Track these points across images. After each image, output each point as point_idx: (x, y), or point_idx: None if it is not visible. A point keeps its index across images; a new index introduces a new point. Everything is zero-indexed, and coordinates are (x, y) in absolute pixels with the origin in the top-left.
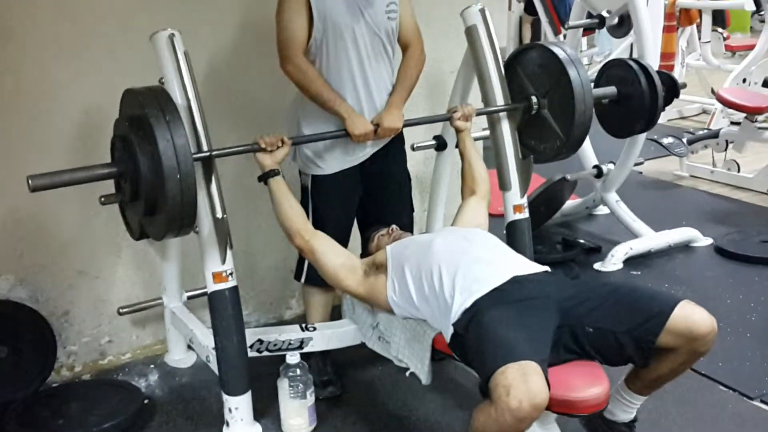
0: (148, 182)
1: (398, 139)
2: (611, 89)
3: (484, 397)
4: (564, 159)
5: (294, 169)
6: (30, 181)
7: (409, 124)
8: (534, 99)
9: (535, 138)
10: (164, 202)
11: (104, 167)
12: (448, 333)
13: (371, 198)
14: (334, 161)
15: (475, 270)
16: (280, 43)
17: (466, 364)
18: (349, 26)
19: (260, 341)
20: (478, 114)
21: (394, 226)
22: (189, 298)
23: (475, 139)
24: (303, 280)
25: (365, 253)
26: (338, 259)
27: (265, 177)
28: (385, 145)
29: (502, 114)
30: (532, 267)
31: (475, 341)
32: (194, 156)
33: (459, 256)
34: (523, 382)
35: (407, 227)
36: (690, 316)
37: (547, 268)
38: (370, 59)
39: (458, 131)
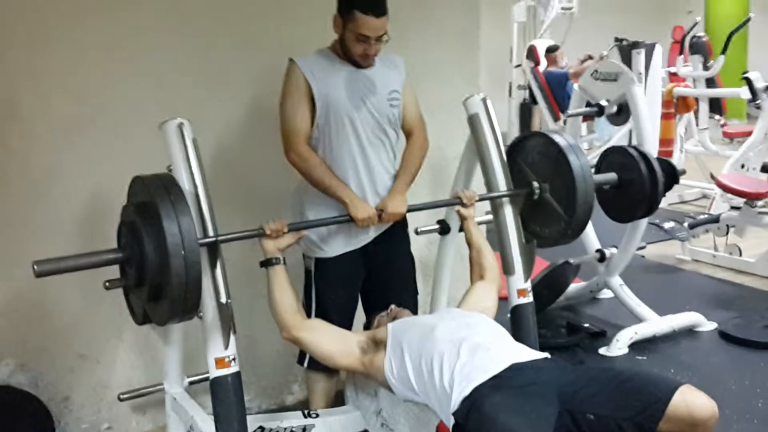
0: (153, 268)
1: (401, 223)
2: (612, 175)
3: None
4: (567, 244)
5: (298, 252)
6: (35, 267)
7: (412, 209)
8: (536, 184)
9: (539, 223)
10: (169, 287)
11: (110, 253)
12: (449, 422)
13: (375, 281)
14: (338, 245)
15: (475, 358)
16: (283, 132)
17: None
18: (351, 113)
19: (262, 428)
20: (481, 199)
21: (392, 306)
22: (190, 383)
23: (479, 224)
24: (306, 365)
25: None
26: (331, 346)
27: (266, 264)
28: (388, 229)
29: (505, 199)
30: (531, 354)
31: (476, 430)
32: (200, 241)
33: (459, 344)
34: None
35: (411, 311)
36: (690, 401)
37: (546, 355)
38: (372, 144)
39: (462, 219)
